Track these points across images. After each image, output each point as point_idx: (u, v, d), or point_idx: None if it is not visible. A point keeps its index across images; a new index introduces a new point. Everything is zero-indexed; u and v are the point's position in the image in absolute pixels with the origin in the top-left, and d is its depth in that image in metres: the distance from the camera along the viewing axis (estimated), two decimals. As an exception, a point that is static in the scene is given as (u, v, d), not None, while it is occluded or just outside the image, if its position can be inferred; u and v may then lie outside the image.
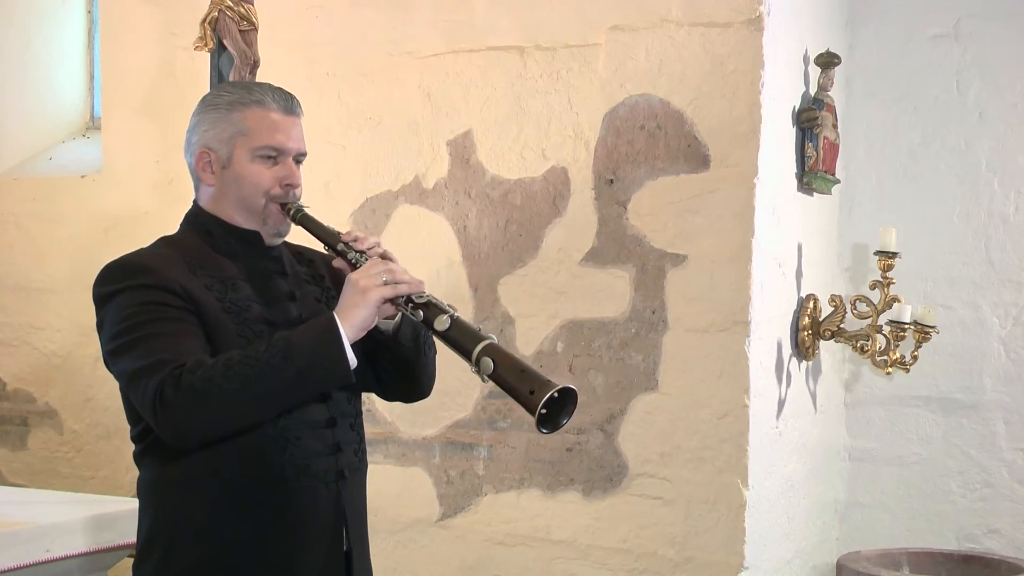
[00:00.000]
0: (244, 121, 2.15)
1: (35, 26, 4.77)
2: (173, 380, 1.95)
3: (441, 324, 2.03)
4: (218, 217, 2.20)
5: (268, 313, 2.15)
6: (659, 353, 3.41)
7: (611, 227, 3.48)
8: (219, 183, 2.19)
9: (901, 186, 4.03)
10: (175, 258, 2.13)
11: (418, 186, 3.75)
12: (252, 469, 2.09)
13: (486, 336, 2.02)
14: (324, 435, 2.16)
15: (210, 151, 2.18)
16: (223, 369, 1.96)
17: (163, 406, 1.96)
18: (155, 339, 2.01)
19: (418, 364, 2.26)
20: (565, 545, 3.53)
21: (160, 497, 2.15)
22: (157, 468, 2.15)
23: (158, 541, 2.14)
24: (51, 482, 4.35)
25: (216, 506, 2.09)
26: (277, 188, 2.17)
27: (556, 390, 1.94)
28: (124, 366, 2.05)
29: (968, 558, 3.77)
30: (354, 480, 2.23)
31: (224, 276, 2.15)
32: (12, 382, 4.51)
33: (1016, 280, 3.89)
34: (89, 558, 3.12)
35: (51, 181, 4.52)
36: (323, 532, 2.15)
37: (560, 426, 1.97)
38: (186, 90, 4.10)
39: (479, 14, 3.67)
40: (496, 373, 1.97)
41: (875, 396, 4.06)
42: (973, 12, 3.93)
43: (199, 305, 2.08)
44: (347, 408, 2.23)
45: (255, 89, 2.20)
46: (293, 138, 2.19)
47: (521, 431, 3.57)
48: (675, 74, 3.41)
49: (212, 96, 2.23)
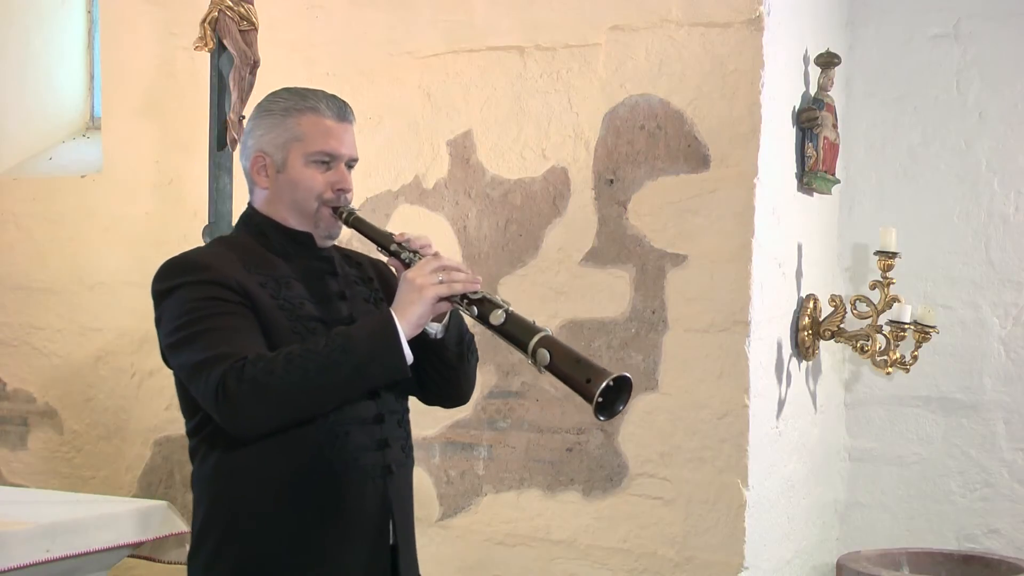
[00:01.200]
0: (299, 127, 2.22)
1: (35, 26, 4.77)
2: (236, 372, 2.00)
3: (496, 319, 2.07)
4: (272, 219, 2.27)
5: (320, 311, 2.21)
6: (659, 353, 3.41)
7: (611, 227, 3.48)
8: (273, 186, 2.25)
9: (901, 186, 4.02)
10: (231, 256, 2.20)
11: (418, 186, 3.75)
12: (303, 462, 2.14)
13: (541, 328, 2.06)
14: (372, 431, 2.21)
15: (265, 155, 2.24)
16: (284, 362, 2.01)
17: (225, 397, 2.01)
18: (216, 333, 2.07)
19: (460, 369, 2.31)
20: (565, 545, 3.53)
21: (214, 488, 2.20)
22: (211, 460, 2.20)
23: (212, 531, 2.19)
24: (51, 482, 4.35)
25: (267, 497, 2.15)
26: (329, 192, 2.23)
27: (612, 378, 1.99)
28: (185, 359, 2.10)
29: (968, 558, 3.77)
30: (401, 475, 2.28)
31: (277, 275, 2.21)
32: (12, 382, 4.51)
33: (1016, 280, 3.89)
34: (89, 558, 3.13)
35: (51, 181, 4.51)
36: (370, 525, 2.20)
37: (617, 412, 2.03)
38: (186, 90, 4.10)
39: (479, 14, 3.67)
40: (552, 364, 2.02)
41: (875, 396, 4.06)
42: (973, 12, 3.93)
43: (254, 301, 2.13)
44: (395, 405, 2.29)
45: (310, 96, 2.25)
46: (346, 144, 2.25)
47: (521, 431, 3.57)
48: (675, 74, 3.41)
49: (267, 102, 2.28)
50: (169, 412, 4.17)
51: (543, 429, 3.55)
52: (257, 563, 2.15)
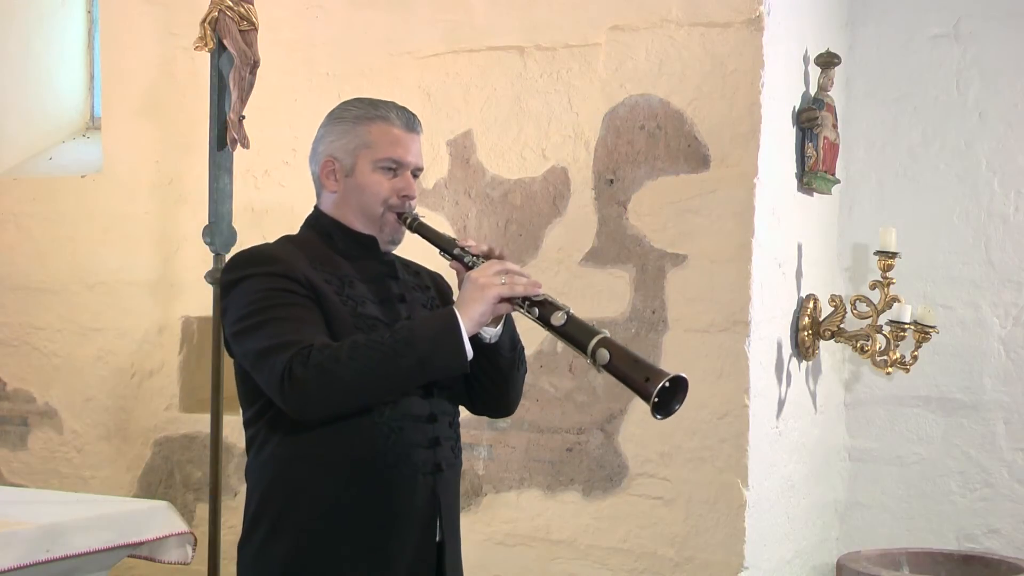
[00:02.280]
0: (369, 135, 2.30)
1: (35, 26, 4.77)
2: (302, 358, 2.06)
3: (557, 320, 2.13)
4: (338, 221, 2.34)
5: (380, 312, 2.27)
6: (659, 353, 3.41)
7: (611, 227, 3.48)
8: (341, 190, 2.32)
9: (901, 186, 4.03)
10: (298, 253, 2.26)
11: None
12: (357, 453, 2.20)
13: (600, 331, 2.13)
14: (424, 429, 2.27)
15: (335, 160, 2.32)
16: (349, 351, 2.08)
17: (291, 382, 2.07)
18: (283, 322, 2.14)
19: (511, 376, 2.37)
20: (565, 545, 3.53)
21: (271, 475, 2.25)
22: (270, 448, 2.25)
23: (265, 517, 2.24)
24: (51, 482, 4.35)
25: (322, 484, 2.20)
26: (395, 198, 2.31)
27: (669, 379, 2.04)
28: (251, 345, 2.16)
29: (968, 558, 3.77)
30: (450, 474, 2.34)
31: (341, 274, 2.28)
32: (12, 382, 4.51)
33: (1016, 280, 3.89)
34: (89, 558, 3.12)
35: (51, 181, 4.51)
36: (418, 520, 2.25)
37: (673, 412, 2.10)
38: (186, 90, 4.10)
39: (479, 14, 3.67)
40: (611, 364, 2.09)
41: (875, 396, 4.06)
42: (973, 12, 3.93)
43: (320, 295, 2.20)
44: (447, 407, 2.35)
45: (380, 105, 2.34)
46: (413, 153, 2.34)
47: (521, 431, 3.57)
48: (675, 74, 3.41)
49: (339, 110, 2.36)
50: (169, 412, 4.17)
51: (543, 429, 3.55)
52: (309, 550, 2.20)
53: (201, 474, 4.06)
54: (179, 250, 4.14)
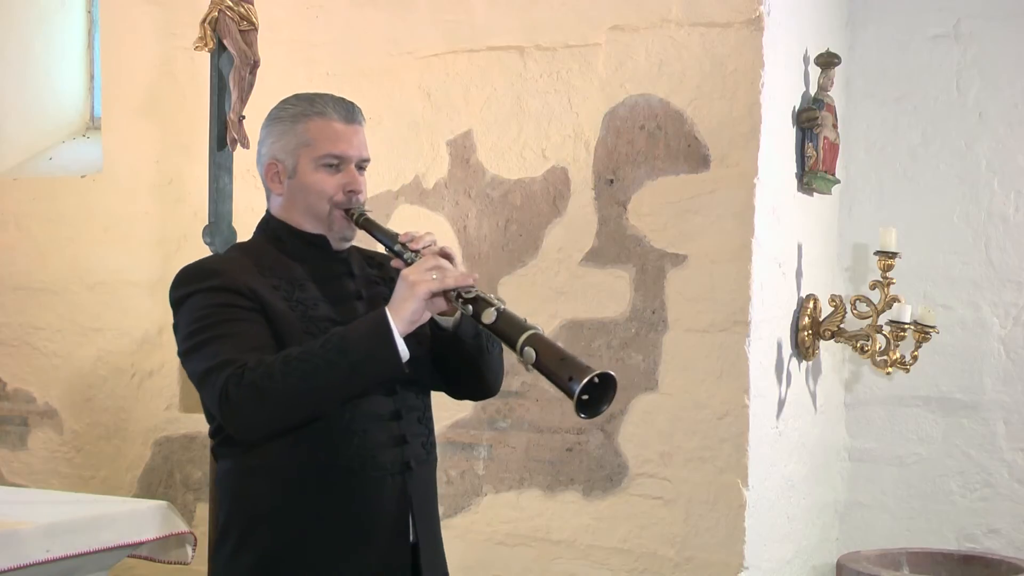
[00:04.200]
0: (307, 132, 2.26)
1: (35, 26, 4.77)
2: (236, 378, 2.04)
3: (488, 317, 2.08)
4: (287, 223, 2.30)
5: (334, 312, 2.23)
6: (659, 353, 3.41)
7: (611, 227, 3.48)
8: (287, 192, 2.29)
9: (901, 186, 4.03)
10: (245, 262, 2.24)
11: (418, 186, 3.75)
12: (321, 459, 2.17)
13: (531, 327, 2.06)
14: (390, 427, 2.23)
15: (277, 162, 2.28)
16: (282, 365, 2.05)
17: (227, 403, 2.05)
18: (223, 340, 2.11)
19: (482, 361, 2.31)
20: (565, 545, 3.53)
21: (236, 487, 2.24)
22: (233, 460, 2.23)
23: (233, 528, 2.23)
24: (51, 482, 4.35)
25: (287, 495, 2.18)
26: (340, 194, 2.26)
27: (594, 375, 1.98)
28: (195, 367, 2.14)
29: (968, 558, 3.77)
30: (421, 472, 2.29)
31: (292, 277, 2.24)
32: (12, 382, 4.51)
33: (1016, 280, 3.89)
34: (89, 558, 3.12)
35: (51, 181, 4.51)
36: (389, 523, 2.22)
37: (600, 412, 2.03)
38: (186, 90, 4.10)
39: (479, 14, 3.67)
40: (539, 362, 2.02)
41: (875, 396, 4.06)
42: (973, 12, 3.93)
43: (266, 305, 2.17)
44: (414, 402, 2.30)
45: (317, 100, 2.29)
46: (355, 145, 2.28)
47: (521, 431, 3.57)
48: (675, 74, 3.42)
49: (277, 110, 2.33)
50: (169, 412, 4.17)
51: (543, 429, 3.55)
52: (275, 561, 2.17)
53: (201, 474, 4.06)
54: (179, 250, 4.13)
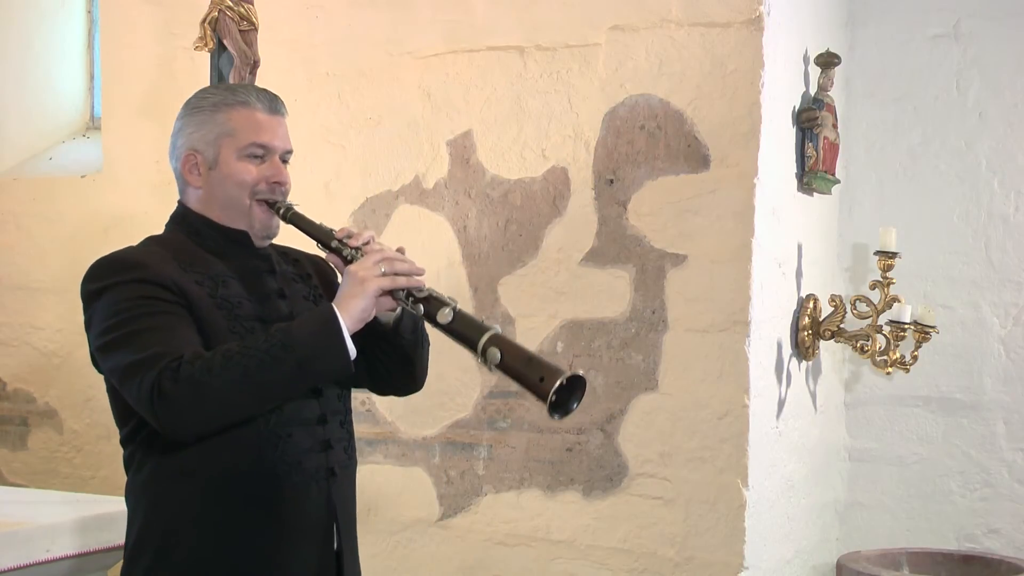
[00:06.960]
0: (230, 122, 2.17)
1: (35, 26, 4.77)
2: (171, 372, 1.94)
3: (444, 317, 2.02)
4: (207, 217, 2.22)
5: (258, 311, 2.15)
6: (659, 353, 3.41)
7: (611, 227, 3.48)
8: (206, 184, 2.21)
9: (901, 186, 4.02)
10: (165, 255, 2.14)
11: (418, 186, 3.75)
12: (244, 465, 2.08)
13: (490, 327, 2.01)
14: (315, 432, 2.16)
15: (196, 153, 2.20)
16: (223, 360, 1.96)
17: (161, 399, 1.94)
18: (150, 333, 2.00)
19: (416, 357, 2.26)
20: (565, 545, 3.52)
21: (152, 496, 2.14)
22: (148, 467, 2.14)
23: (150, 540, 2.14)
24: (51, 482, 4.35)
25: (208, 502, 2.09)
26: (263, 185, 2.18)
27: (566, 377, 1.95)
28: (117, 361, 2.03)
29: (968, 558, 3.77)
30: (344, 478, 2.22)
31: (214, 273, 2.15)
32: (12, 382, 4.51)
33: (1016, 280, 3.89)
34: (89, 558, 3.12)
35: (51, 181, 4.51)
36: (314, 529, 2.15)
37: (571, 411, 2.00)
38: (186, 90, 4.05)
39: (479, 14, 3.67)
40: (503, 363, 1.97)
41: (875, 396, 4.06)
42: (973, 12, 3.93)
43: (191, 300, 2.08)
44: (337, 405, 2.23)
45: (239, 90, 2.22)
46: (279, 136, 2.20)
47: (521, 431, 3.57)
48: (675, 74, 3.41)
49: (196, 99, 2.24)
50: (169, 412, 4.16)
51: (543, 429, 3.55)
52: (198, 571, 2.09)
53: (201, 474, 4.06)
54: (179, 250, 4.13)
